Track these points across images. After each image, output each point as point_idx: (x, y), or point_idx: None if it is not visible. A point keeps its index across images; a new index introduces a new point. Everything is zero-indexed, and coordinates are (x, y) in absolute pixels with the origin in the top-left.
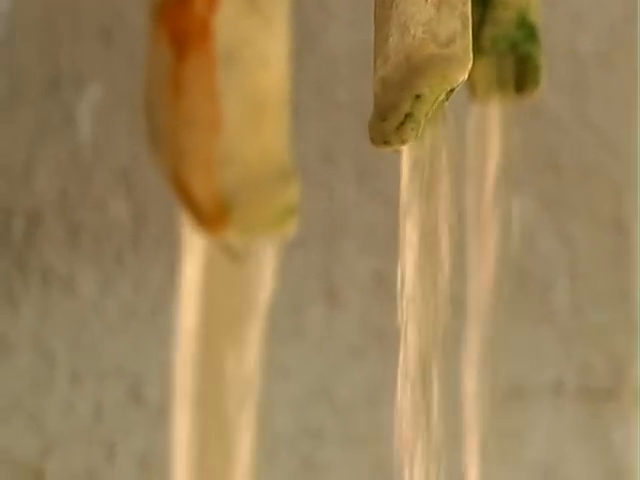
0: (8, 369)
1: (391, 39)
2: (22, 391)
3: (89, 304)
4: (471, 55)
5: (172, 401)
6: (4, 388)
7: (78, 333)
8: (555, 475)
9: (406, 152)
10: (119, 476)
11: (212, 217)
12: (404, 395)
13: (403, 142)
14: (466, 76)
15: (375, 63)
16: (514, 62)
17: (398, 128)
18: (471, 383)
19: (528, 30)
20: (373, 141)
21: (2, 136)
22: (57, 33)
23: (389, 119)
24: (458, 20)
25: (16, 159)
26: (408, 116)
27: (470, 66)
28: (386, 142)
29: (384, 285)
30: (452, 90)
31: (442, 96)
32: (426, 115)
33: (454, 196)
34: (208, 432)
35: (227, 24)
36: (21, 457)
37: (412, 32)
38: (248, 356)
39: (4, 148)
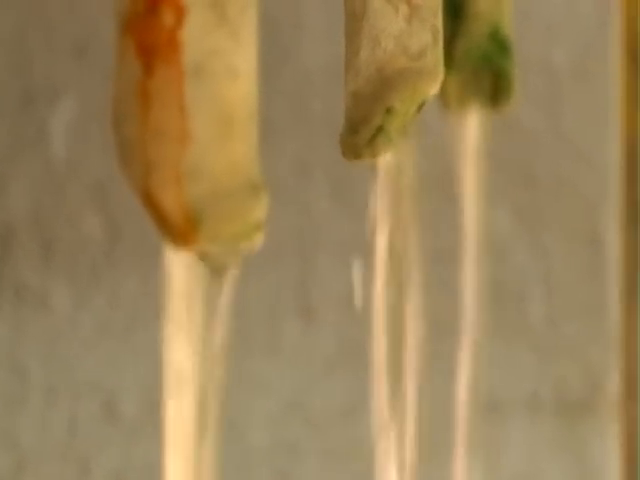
0: None
1: (362, 52)
2: None
3: (63, 319)
4: (442, 68)
5: (149, 417)
6: None
7: (52, 349)
8: None
9: (379, 165)
10: None
11: (181, 230)
12: (378, 410)
13: (375, 155)
14: (437, 89)
15: (346, 76)
16: (487, 75)
17: (370, 141)
18: (454, 396)
19: (501, 43)
20: (345, 154)
21: None
22: (30, 47)
23: (360, 132)
24: (429, 33)
25: None
26: (379, 129)
27: (441, 79)
28: (357, 155)
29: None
30: (423, 103)
31: (413, 109)
32: (397, 128)
33: (427, 209)
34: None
35: (195, 37)
36: None
37: (383, 45)
38: (215, 371)
39: None
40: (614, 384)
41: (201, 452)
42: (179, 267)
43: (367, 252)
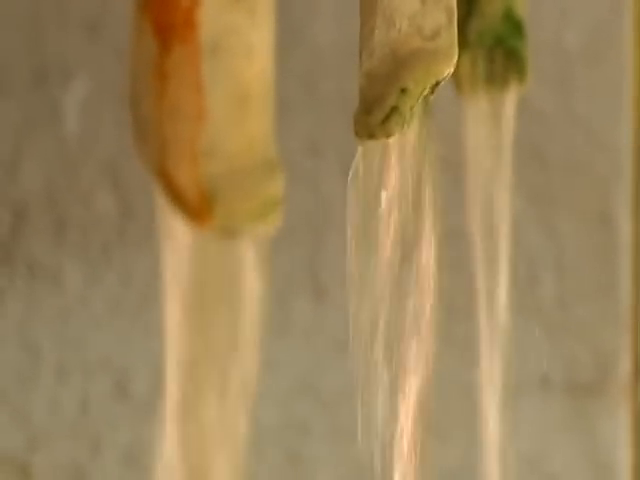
0: None
1: (376, 32)
2: (7, 385)
3: (75, 297)
4: (457, 49)
5: (160, 396)
6: None
7: (64, 327)
8: (541, 468)
9: (391, 146)
10: (105, 471)
11: (196, 208)
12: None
13: (388, 135)
14: (452, 70)
15: (360, 56)
16: (500, 56)
17: (383, 121)
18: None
19: (514, 24)
20: (358, 134)
21: None
22: (43, 25)
23: (374, 112)
24: (443, 13)
25: (2, 152)
26: (393, 109)
27: (455, 60)
28: (371, 135)
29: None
30: (438, 84)
31: (427, 90)
32: (411, 109)
33: (439, 190)
34: (195, 426)
35: (211, 15)
36: (7, 451)
37: (397, 25)
38: (243, 349)
39: None
40: (625, 365)
41: (212, 431)
42: (190, 244)
43: (379, 233)
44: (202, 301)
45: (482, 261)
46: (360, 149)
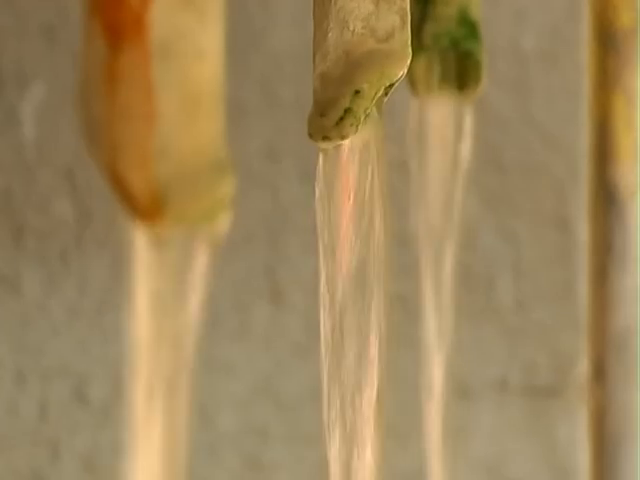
0: None
1: (330, 34)
2: None
3: (34, 304)
4: (410, 50)
5: (119, 401)
6: None
7: (23, 333)
8: (500, 472)
9: (346, 148)
10: (64, 477)
11: (148, 209)
12: (337, 396)
13: (342, 137)
14: (405, 71)
15: (314, 59)
16: (455, 59)
17: (337, 124)
18: (427, 382)
19: (469, 27)
20: (312, 137)
21: None
22: None
23: (328, 114)
24: (397, 15)
25: None
26: (347, 111)
27: (409, 62)
28: (325, 138)
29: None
30: (391, 85)
31: (381, 91)
32: (365, 110)
33: (393, 192)
34: (153, 429)
35: (162, 17)
36: None
37: (351, 28)
38: (183, 353)
39: None
40: (582, 368)
41: (169, 436)
42: (147, 248)
43: (334, 236)
44: (157, 304)
45: (430, 263)
46: (321, 153)
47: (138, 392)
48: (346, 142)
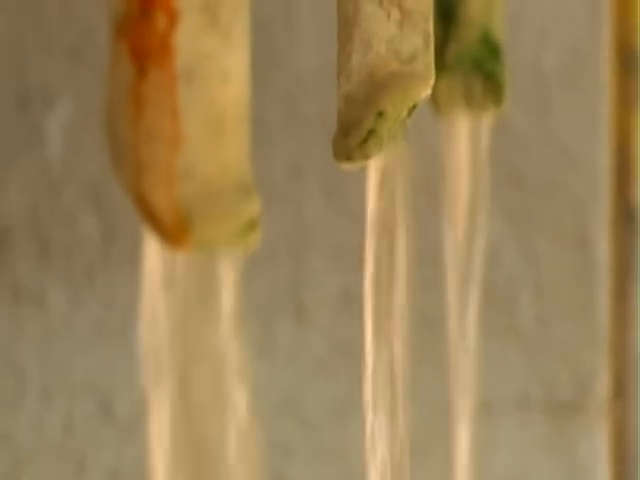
0: None
1: (354, 56)
2: None
3: (59, 320)
4: (433, 72)
5: (144, 416)
6: None
7: (48, 349)
8: None
9: (371, 168)
10: None
11: (173, 231)
12: (371, 411)
13: (366, 158)
14: (429, 92)
15: (338, 80)
16: (478, 79)
17: (361, 144)
18: (452, 397)
19: (492, 47)
20: (336, 157)
21: None
22: (26, 50)
23: (352, 135)
24: (420, 37)
25: None
26: (371, 132)
27: (432, 83)
28: (349, 158)
29: (352, 301)
30: (415, 106)
31: (405, 112)
32: (389, 131)
33: (418, 212)
34: (182, 446)
35: (187, 40)
36: None
37: (375, 49)
38: (220, 368)
39: None
40: (603, 385)
41: (192, 452)
42: (171, 267)
43: (361, 254)
44: (181, 323)
45: (455, 281)
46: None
47: (159, 407)
48: (371, 162)
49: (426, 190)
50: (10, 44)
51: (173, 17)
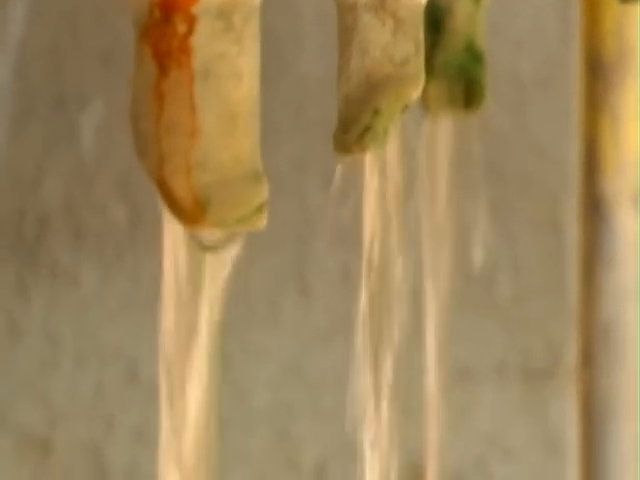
0: (20, 352)
1: (353, 60)
2: (32, 371)
3: (91, 295)
4: (423, 75)
5: (166, 381)
6: (16, 369)
7: (82, 320)
8: (498, 444)
9: (367, 161)
10: (117, 446)
11: (191, 214)
12: (360, 375)
13: (363, 151)
14: (419, 93)
15: (338, 82)
16: (462, 83)
17: (358, 139)
18: (428, 365)
19: (475, 55)
20: (337, 150)
21: (15, 148)
22: (62, 57)
23: (351, 131)
24: (412, 44)
25: (27, 168)
26: (367, 128)
27: (422, 84)
28: (348, 151)
29: (350, 278)
30: (407, 105)
31: (398, 111)
32: (384, 127)
33: (410, 198)
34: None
35: (204, 42)
36: (30, 430)
37: (371, 54)
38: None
39: (17, 159)
40: (572, 353)
41: (204, 415)
42: (185, 247)
43: (356, 239)
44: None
45: (432, 264)
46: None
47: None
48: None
49: (413, 178)
50: (48, 51)
51: (191, 22)
